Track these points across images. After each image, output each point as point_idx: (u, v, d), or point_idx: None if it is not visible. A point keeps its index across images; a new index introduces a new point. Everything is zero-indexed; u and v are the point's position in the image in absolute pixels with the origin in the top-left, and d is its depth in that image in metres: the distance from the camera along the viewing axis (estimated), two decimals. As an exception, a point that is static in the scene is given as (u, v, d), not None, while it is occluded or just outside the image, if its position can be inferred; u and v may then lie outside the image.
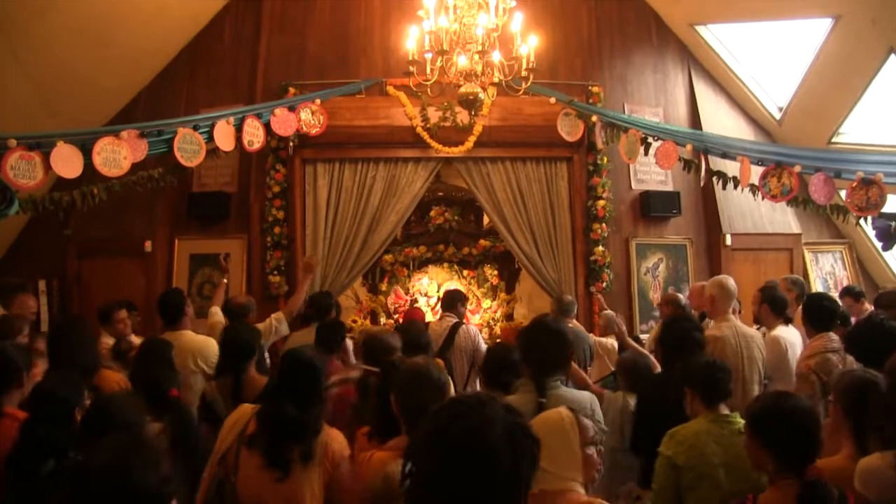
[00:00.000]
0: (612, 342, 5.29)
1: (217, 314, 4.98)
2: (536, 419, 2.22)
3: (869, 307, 5.57)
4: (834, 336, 3.97)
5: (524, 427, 1.38)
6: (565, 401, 2.74)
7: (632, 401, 3.47)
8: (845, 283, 7.25)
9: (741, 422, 2.69)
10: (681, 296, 5.72)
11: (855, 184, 4.21)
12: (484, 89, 4.82)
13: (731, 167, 5.40)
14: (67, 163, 4.20)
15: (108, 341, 4.69)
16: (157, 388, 3.06)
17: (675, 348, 3.47)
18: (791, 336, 4.44)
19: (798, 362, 4.09)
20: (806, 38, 6.38)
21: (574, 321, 5.59)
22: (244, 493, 2.54)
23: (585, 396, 2.91)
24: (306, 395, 2.61)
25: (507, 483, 1.31)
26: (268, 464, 2.49)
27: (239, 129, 5.30)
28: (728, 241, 6.89)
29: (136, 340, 4.69)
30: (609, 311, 5.82)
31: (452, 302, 5.49)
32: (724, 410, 2.86)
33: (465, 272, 7.75)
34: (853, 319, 4.85)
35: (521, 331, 3.10)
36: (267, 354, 4.65)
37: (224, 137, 5.20)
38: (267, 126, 5.57)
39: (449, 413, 1.38)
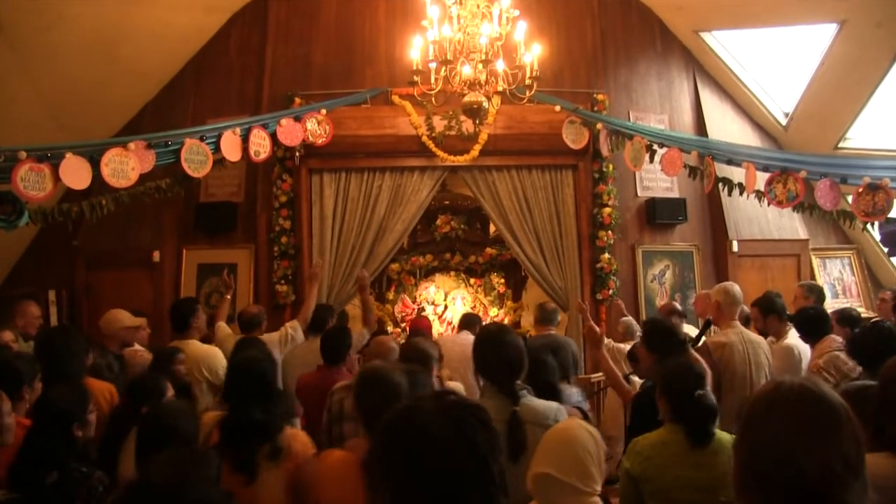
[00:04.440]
0: (629, 348, 5.31)
1: (225, 328, 5.00)
2: (557, 431, 2.26)
3: None
4: (836, 337, 4.03)
5: (464, 408, 1.34)
6: (533, 410, 2.73)
7: None
8: (853, 289, 7.23)
9: (716, 433, 2.62)
10: (676, 304, 5.71)
11: (861, 189, 4.19)
12: (488, 98, 4.84)
13: (736, 173, 5.40)
14: (76, 174, 4.23)
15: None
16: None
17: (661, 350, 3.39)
18: (802, 344, 4.42)
19: (809, 363, 4.10)
20: (811, 43, 6.37)
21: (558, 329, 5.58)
22: None
23: (552, 406, 2.84)
24: (263, 398, 2.65)
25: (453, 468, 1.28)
26: (236, 468, 2.51)
27: (245, 139, 5.32)
28: (735, 247, 6.86)
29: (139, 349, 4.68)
30: (629, 318, 5.84)
31: (471, 324, 5.51)
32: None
33: (472, 280, 7.76)
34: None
35: (476, 342, 3.04)
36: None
37: (230, 148, 5.22)
38: (273, 136, 5.59)
39: (388, 417, 1.39)
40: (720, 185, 5.48)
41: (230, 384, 2.80)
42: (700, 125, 7.18)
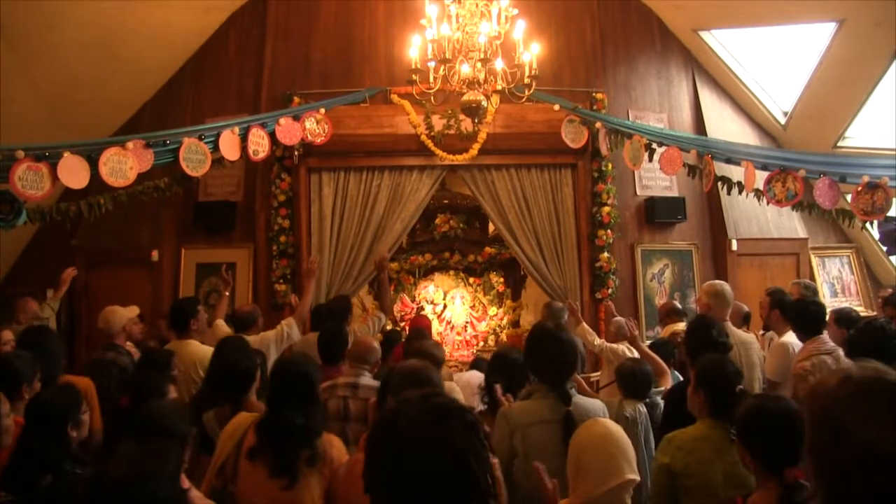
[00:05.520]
0: (622, 348, 5.30)
1: (222, 326, 4.97)
2: (610, 437, 2.26)
3: None
4: (825, 338, 3.97)
5: (452, 409, 1.32)
6: (584, 410, 2.71)
7: (629, 408, 3.45)
8: (853, 288, 7.22)
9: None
10: (676, 303, 5.71)
11: (860, 188, 4.19)
12: (487, 97, 4.83)
13: (735, 172, 5.39)
14: (74, 173, 4.22)
15: None
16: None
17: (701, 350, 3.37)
18: (799, 341, 4.41)
19: (794, 364, 4.06)
20: (810, 42, 6.37)
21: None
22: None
23: (598, 405, 2.86)
24: (305, 401, 2.62)
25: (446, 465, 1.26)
26: (276, 472, 2.49)
27: (244, 138, 5.31)
28: (734, 246, 6.86)
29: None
30: (620, 318, 5.82)
31: (479, 365, 5.50)
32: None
33: (471, 279, 7.77)
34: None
35: (530, 339, 2.97)
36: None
37: (229, 147, 5.21)
38: (272, 135, 5.57)
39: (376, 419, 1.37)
40: (719, 183, 5.48)
41: (273, 386, 2.73)
42: (699, 124, 7.18)
